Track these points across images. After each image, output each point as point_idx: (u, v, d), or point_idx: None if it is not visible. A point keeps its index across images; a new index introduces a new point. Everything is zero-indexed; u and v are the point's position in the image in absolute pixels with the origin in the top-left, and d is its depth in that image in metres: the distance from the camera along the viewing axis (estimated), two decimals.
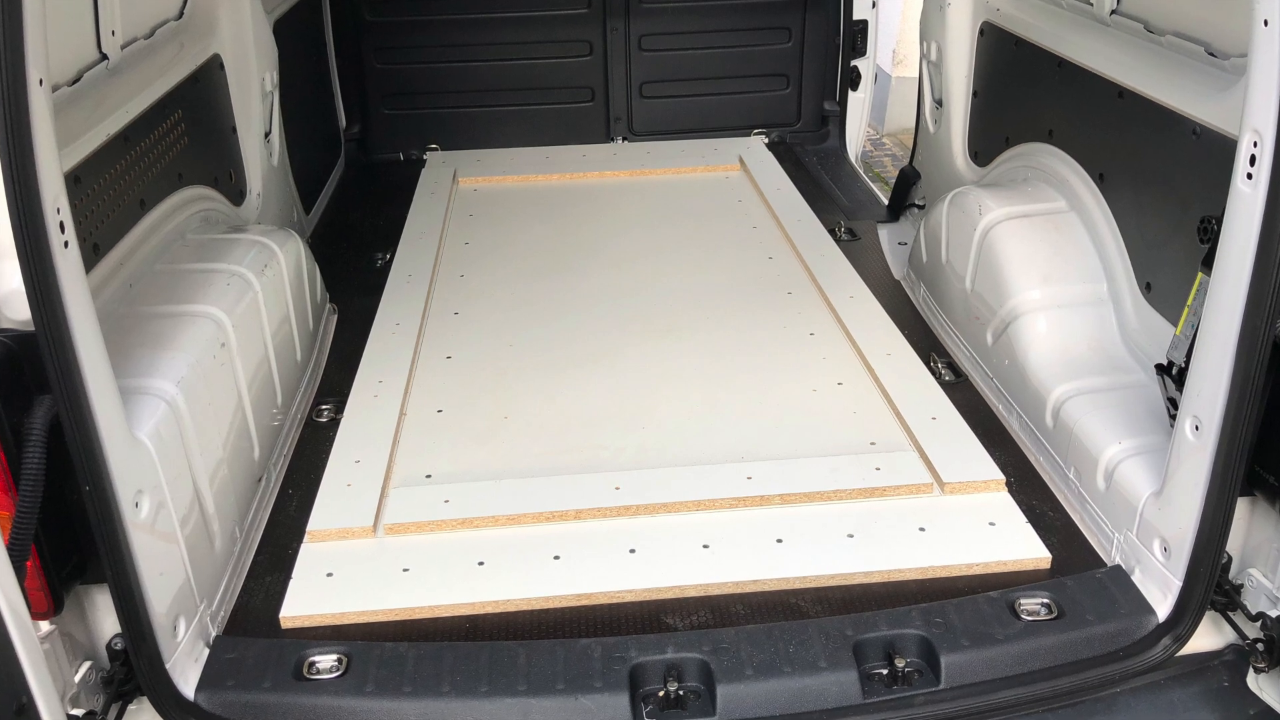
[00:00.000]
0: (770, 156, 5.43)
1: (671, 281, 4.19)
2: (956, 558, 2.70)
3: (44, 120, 1.89)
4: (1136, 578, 2.59)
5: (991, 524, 2.82)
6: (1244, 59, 2.48)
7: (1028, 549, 2.74)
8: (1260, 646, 2.42)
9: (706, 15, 5.73)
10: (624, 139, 5.91)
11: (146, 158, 3.16)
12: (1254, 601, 2.50)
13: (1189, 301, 2.58)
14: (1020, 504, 2.90)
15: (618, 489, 2.92)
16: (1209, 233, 2.60)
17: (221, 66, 3.94)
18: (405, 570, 2.69)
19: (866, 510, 2.87)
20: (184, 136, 3.49)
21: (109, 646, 2.29)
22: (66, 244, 1.96)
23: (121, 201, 2.97)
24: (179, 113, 3.46)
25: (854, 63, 5.73)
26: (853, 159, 5.87)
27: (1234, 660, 2.52)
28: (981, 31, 4.18)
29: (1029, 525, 2.82)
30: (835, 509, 2.87)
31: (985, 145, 4.21)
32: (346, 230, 4.97)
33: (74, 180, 2.63)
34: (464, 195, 5.17)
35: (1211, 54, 2.85)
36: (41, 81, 1.87)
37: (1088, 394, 3.00)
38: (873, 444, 3.14)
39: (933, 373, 3.53)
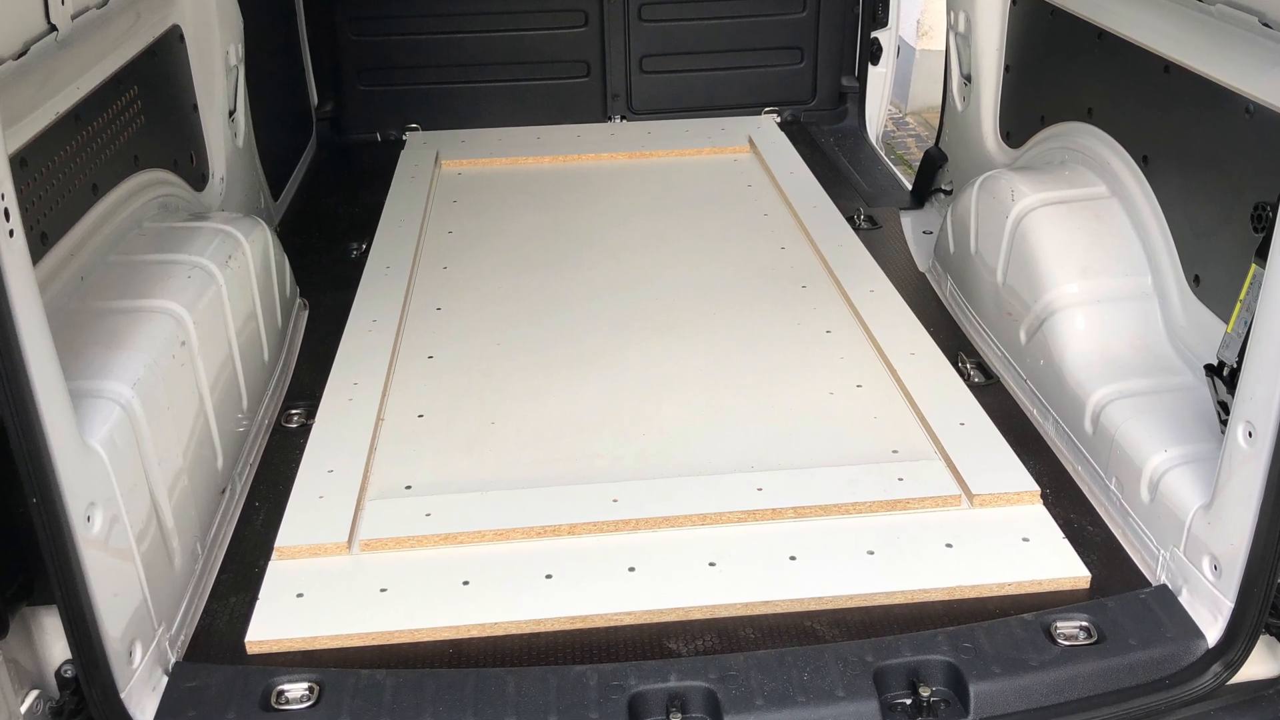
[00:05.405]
0: (783, 137, 5.44)
1: (674, 274, 4.19)
2: (987, 576, 2.70)
3: None
4: (1184, 598, 2.59)
5: (1025, 540, 2.82)
6: None
7: (1065, 567, 2.74)
8: None
9: None
10: (622, 118, 5.91)
11: (99, 138, 3.17)
12: None
13: (1241, 296, 2.58)
14: (1056, 518, 2.91)
15: (615, 501, 2.92)
16: (1264, 220, 2.60)
17: (181, 38, 3.95)
18: (383, 590, 2.69)
19: (888, 525, 2.87)
20: (140, 115, 3.49)
21: (58, 674, 2.29)
22: (11, 233, 1.96)
23: (72, 186, 2.98)
24: (135, 89, 3.46)
25: (874, 34, 5.73)
26: (873, 140, 5.88)
27: None
28: (1014, 0, 4.18)
29: (1066, 541, 2.82)
30: (854, 523, 2.87)
31: (1018, 125, 4.21)
32: (318, 218, 4.97)
33: (20, 163, 2.63)
34: (447, 179, 5.17)
35: (1266, 25, 2.85)
36: None
37: (1130, 397, 3.01)
38: (895, 452, 3.15)
39: (960, 374, 3.53)
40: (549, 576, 2.72)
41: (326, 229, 4.81)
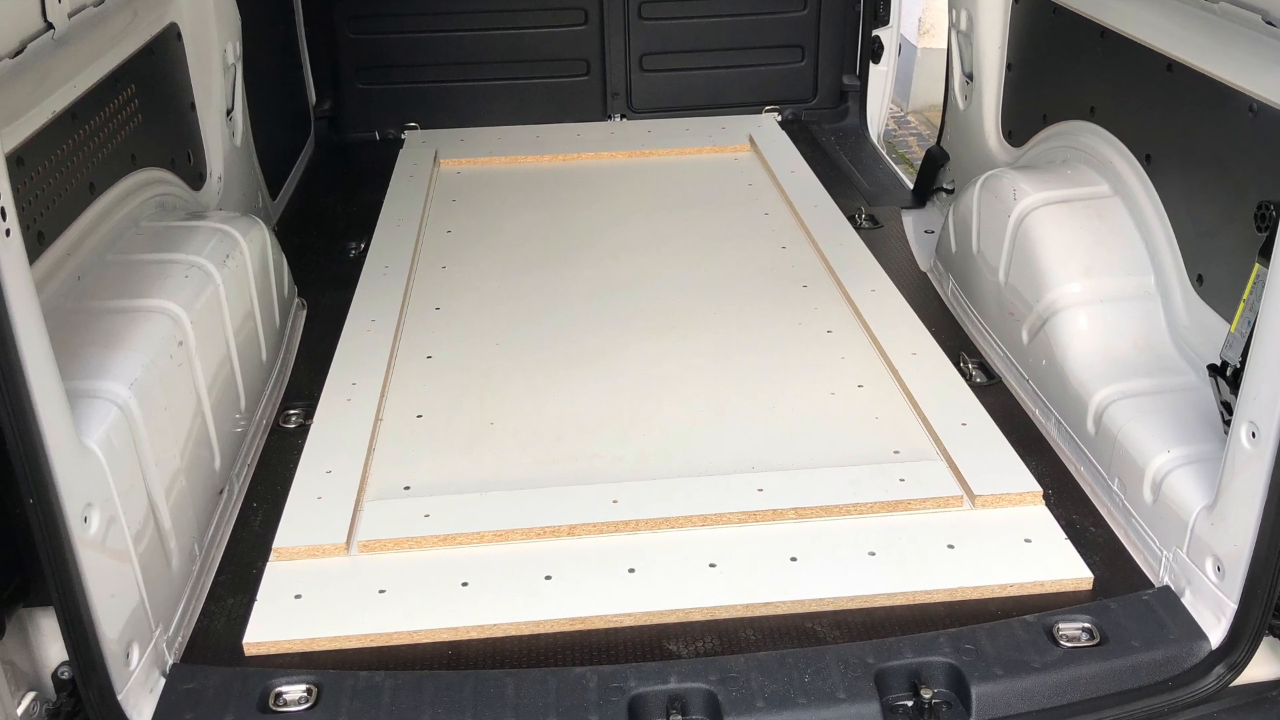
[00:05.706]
0: (783, 136, 5.44)
1: (675, 274, 4.19)
2: (989, 578, 2.70)
3: None
4: (1187, 600, 2.59)
5: (1027, 541, 2.82)
6: None
7: (1067, 568, 2.74)
8: None
9: None
10: (622, 116, 5.91)
11: (96, 137, 3.17)
12: None
13: (1245, 295, 2.58)
14: (1059, 518, 2.91)
15: (615, 502, 2.92)
16: (1267, 219, 2.60)
17: (179, 37, 3.94)
18: (381, 592, 2.69)
19: (890, 526, 2.87)
20: (138, 114, 3.49)
21: (55, 676, 2.29)
22: (8, 232, 1.96)
23: (69, 185, 2.98)
24: (132, 88, 3.46)
25: (876, 32, 5.73)
26: (874, 139, 5.87)
27: None
28: None
29: (1069, 542, 2.82)
30: (855, 524, 2.87)
31: (1020, 123, 4.21)
32: (317, 217, 4.97)
33: (16, 162, 2.63)
34: (446, 178, 5.17)
35: (1270, 23, 2.85)
36: None
37: (1133, 397, 3.01)
38: (896, 453, 3.15)
39: (962, 374, 3.53)
40: (548, 577, 2.72)
41: (325, 228, 4.81)
